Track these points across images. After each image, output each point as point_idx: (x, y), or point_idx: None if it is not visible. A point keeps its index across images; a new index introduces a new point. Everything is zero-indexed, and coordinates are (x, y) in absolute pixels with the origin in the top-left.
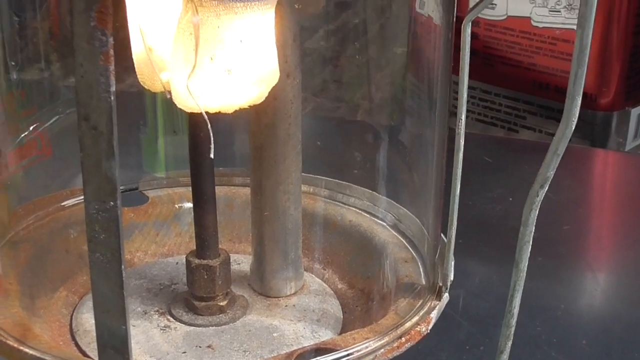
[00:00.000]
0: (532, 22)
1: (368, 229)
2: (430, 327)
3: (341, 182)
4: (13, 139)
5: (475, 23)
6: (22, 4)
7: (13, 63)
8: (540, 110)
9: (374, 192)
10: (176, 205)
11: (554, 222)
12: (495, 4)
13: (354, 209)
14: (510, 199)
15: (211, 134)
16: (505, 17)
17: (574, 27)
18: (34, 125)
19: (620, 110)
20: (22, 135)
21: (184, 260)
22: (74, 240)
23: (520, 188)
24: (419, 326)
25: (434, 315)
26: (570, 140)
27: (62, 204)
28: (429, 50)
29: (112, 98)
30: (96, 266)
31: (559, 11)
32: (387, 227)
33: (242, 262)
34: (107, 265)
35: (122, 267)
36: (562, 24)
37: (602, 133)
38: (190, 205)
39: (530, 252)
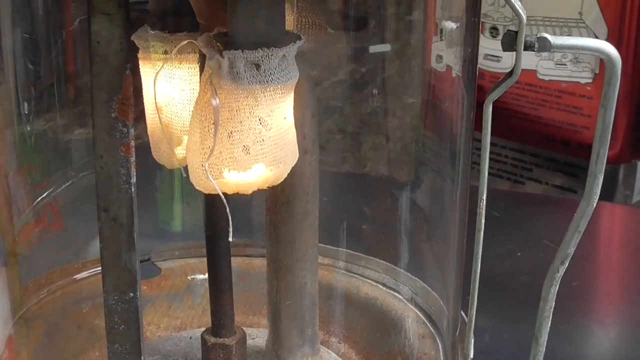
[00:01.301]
0: (538, 75)
1: (384, 303)
2: None
3: (356, 253)
4: (24, 211)
5: (481, 76)
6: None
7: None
8: (547, 163)
9: (390, 264)
10: (189, 277)
11: (562, 279)
12: (501, 57)
13: (369, 281)
14: (519, 254)
15: (230, 218)
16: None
17: (580, 80)
18: (47, 192)
19: (627, 163)
20: (34, 204)
21: (198, 334)
22: (86, 315)
23: (529, 243)
24: None
25: None
26: (575, 192)
27: (74, 277)
28: (451, 131)
29: (133, 189)
30: (115, 357)
31: (565, 64)
32: (404, 300)
33: (256, 336)
34: (127, 356)
35: (142, 358)
36: (568, 77)
37: (608, 186)
38: (202, 276)
39: (536, 307)
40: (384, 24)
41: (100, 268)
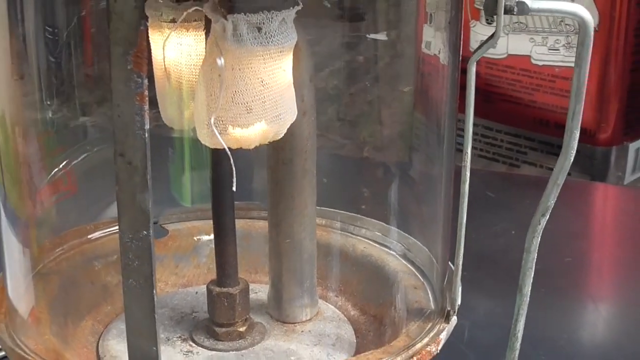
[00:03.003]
0: (532, 60)
1: (379, 259)
2: (439, 347)
3: (352, 214)
4: (44, 177)
5: (477, 61)
6: (59, 47)
7: (48, 103)
8: (541, 146)
9: (384, 224)
10: (195, 238)
11: (555, 255)
12: (496, 43)
13: (365, 239)
14: (513, 232)
15: (234, 169)
16: (505, 55)
17: (573, 64)
18: (64, 162)
19: (619, 145)
20: (53, 173)
21: (203, 289)
22: (98, 272)
23: (523, 222)
24: (429, 346)
25: (443, 336)
26: (570, 174)
27: (87, 237)
28: (435, 88)
29: (146, 135)
30: (130, 291)
31: (558, 49)
32: (397, 256)
33: (259, 291)
34: (140, 290)
35: (154, 292)
36: (561, 62)
37: (601, 167)
38: (208, 237)
39: (533, 284)
40: (378, 13)
41: (111, 230)
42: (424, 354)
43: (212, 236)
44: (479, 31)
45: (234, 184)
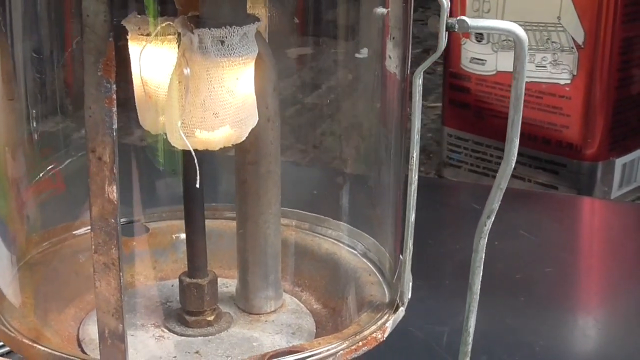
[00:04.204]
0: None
1: (341, 257)
2: (385, 335)
3: (319, 216)
4: (32, 177)
5: (467, 78)
6: (43, 64)
7: (34, 111)
8: (529, 161)
9: (347, 225)
10: (173, 236)
11: (537, 265)
12: (485, 60)
13: (330, 239)
14: (496, 243)
15: (198, 168)
16: (494, 72)
17: (559, 81)
18: (51, 166)
19: (605, 160)
20: (41, 175)
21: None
22: (83, 264)
23: (507, 234)
24: (375, 333)
25: (389, 324)
26: (557, 188)
27: (73, 232)
28: (387, 101)
29: (115, 134)
30: (100, 273)
31: (545, 66)
32: (358, 255)
33: (230, 285)
34: (109, 272)
35: (121, 273)
36: (548, 78)
37: (588, 182)
38: (184, 235)
39: (513, 292)
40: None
41: None
42: (370, 340)
43: None
44: (469, 48)
45: (198, 182)
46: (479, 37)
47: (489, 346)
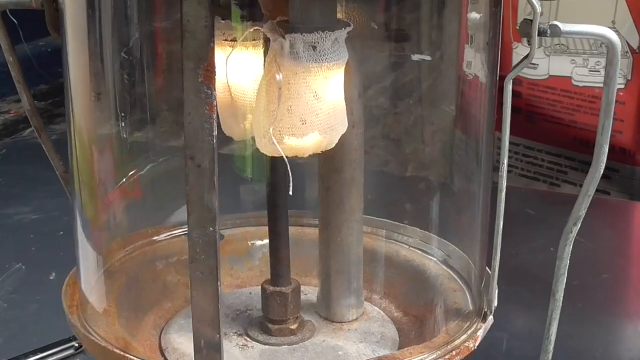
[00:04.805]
0: (572, 81)
1: (420, 264)
2: (477, 343)
3: (396, 223)
4: (117, 180)
5: (519, 82)
6: (132, 66)
7: (122, 113)
8: (581, 166)
9: (425, 231)
10: (249, 243)
11: (593, 271)
12: (538, 64)
13: (407, 246)
14: (552, 249)
15: (290, 174)
16: (547, 76)
17: None
18: (132, 172)
19: None
20: (124, 180)
21: (257, 290)
22: (160, 272)
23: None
24: (467, 342)
25: (480, 333)
26: (609, 193)
27: (150, 239)
28: (475, 107)
29: (214, 141)
30: (196, 283)
31: (599, 71)
32: (438, 262)
33: (309, 292)
34: (206, 281)
35: (218, 283)
36: (602, 83)
37: None
38: (261, 242)
39: (570, 299)
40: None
41: (172, 233)
42: (463, 349)
43: (264, 241)
44: (521, 52)
45: (291, 189)
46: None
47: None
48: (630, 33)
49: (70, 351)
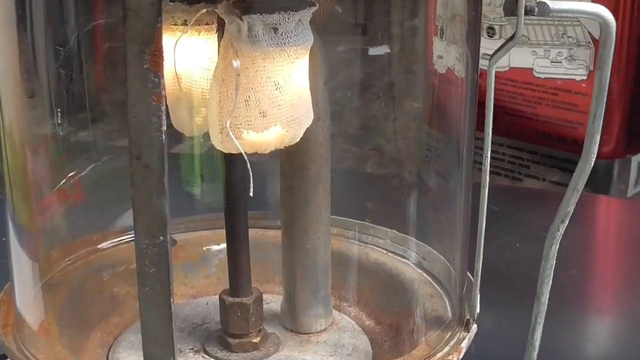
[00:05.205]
0: (534, 73)
1: (393, 267)
2: (461, 356)
3: (364, 222)
4: (53, 183)
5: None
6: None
7: (59, 110)
8: (544, 159)
9: (397, 232)
10: (204, 248)
11: (561, 268)
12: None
13: (378, 248)
14: (517, 245)
15: (250, 173)
16: (507, 68)
17: (575, 77)
18: (71, 173)
19: (622, 158)
20: (62, 182)
21: (214, 300)
22: (106, 283)
23: (527, 235)
24: (450, 356)
25: (464, 344)
26: None
27: (94, 247)
28: (450, 101)
29: (164, 137)
30: (146, 299)
31: (561, 62)
32: (412, 265)
33: (271, 301)
34: (157, 298)
35: (171, 300)
36: (564, 74)
37: (604, 180)
38: (217, 247)
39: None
40: (385, 27)
41: (119, 239)
42: None
43: (221, 246)
44: (481, 44)
45: (251, 190)
46: (491, 32)
47: (517, 353)
48: (592, 22)
49: None
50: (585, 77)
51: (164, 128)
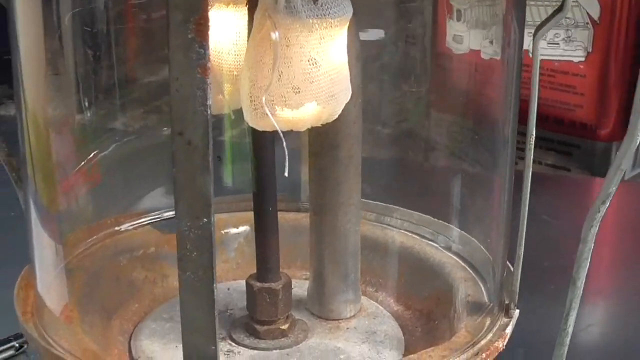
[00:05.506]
0: (530, 54)
1: (421, 251)
2: (505, 342)
3: (387, 205)
4: (76, 163)
5: (449, 57)
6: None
7: (85, 98)
8: (541, 142)
9: (423, 215)
10: (222, 232)
11: (563, 251)
12: (463, 36)
13: (403, 231)
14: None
15: (286, 152)
16: (468, 50)
17: (573, 58)
18: (93, 153)
19: (620, 140)
20: (81, 164)
21: (235, 285)
22: (124, 268)
23: (530, 219)
24: (496, 342)
25: (509, 330)
26: (569, 170)
27: (111, 230)
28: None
29: (208, 112)
30: (187, 285)
31: (558, 43)
32: (440, 248)
33: (294, 286)
34: (199, 284)
35: (214, 285)
36: (561, 55)
37: (602, 163)
38: (236, 230)
39: (544, 281)
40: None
41: (136, 222)
42: (492, 350)
43: (240, 229)
44: (452, 26)
45: (287, 169)
46: (459, 15)
47: (524, 338)
48: (591, 3)
49: (11, 352)
50: (583, 59)
51: (209, 102)
